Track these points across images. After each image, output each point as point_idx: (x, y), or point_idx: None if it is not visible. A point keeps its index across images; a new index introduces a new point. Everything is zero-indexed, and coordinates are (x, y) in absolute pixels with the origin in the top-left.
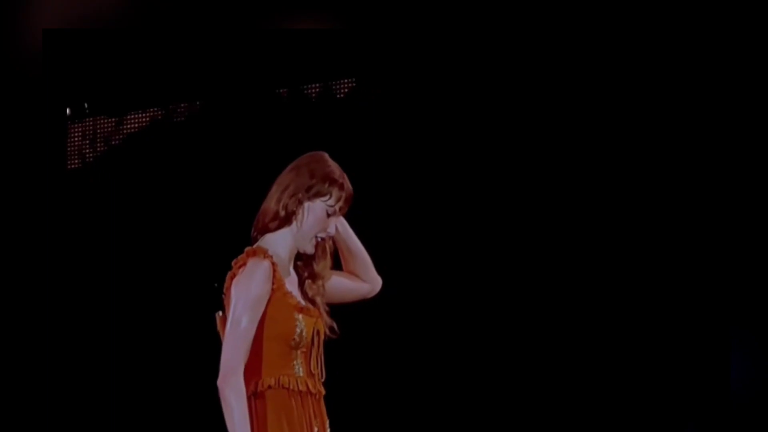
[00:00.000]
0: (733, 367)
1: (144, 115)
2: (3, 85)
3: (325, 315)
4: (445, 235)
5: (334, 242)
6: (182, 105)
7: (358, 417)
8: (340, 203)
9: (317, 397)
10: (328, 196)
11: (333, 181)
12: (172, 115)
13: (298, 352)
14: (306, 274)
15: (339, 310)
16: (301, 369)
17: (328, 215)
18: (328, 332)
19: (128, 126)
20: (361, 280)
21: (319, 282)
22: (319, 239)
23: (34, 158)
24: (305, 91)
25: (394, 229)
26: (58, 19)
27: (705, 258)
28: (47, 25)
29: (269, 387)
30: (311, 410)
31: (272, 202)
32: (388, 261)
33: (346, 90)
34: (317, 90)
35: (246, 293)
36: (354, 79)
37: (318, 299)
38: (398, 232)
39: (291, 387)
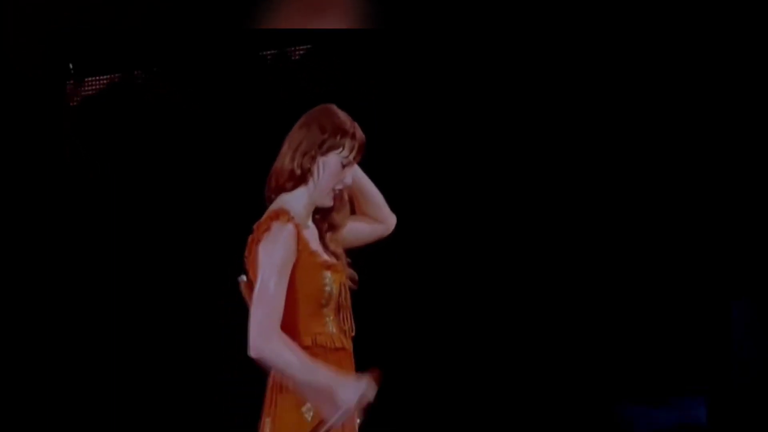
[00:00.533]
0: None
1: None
2: (3, 85)
3: (347, 267)
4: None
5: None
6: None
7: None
8: (354, 153)
9: (349, 352)
10: (341, 149)
11: (344, 132)
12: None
13: (329, 309)
14: (326, 227)
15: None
16: (333, 326)
17: (343, 166)
18: (351, 284)
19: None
20: (375, 220)
21: (340, 232)
22: (337, 191)
23: (34, 158)
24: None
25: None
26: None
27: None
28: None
29: (307, 348)
30: (347, 366)
31: (286, 161)
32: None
33: (301, 53)
34: (273, 53)
35: (273, 257)
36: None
37: (340, 251)
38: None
39: (328, 345)
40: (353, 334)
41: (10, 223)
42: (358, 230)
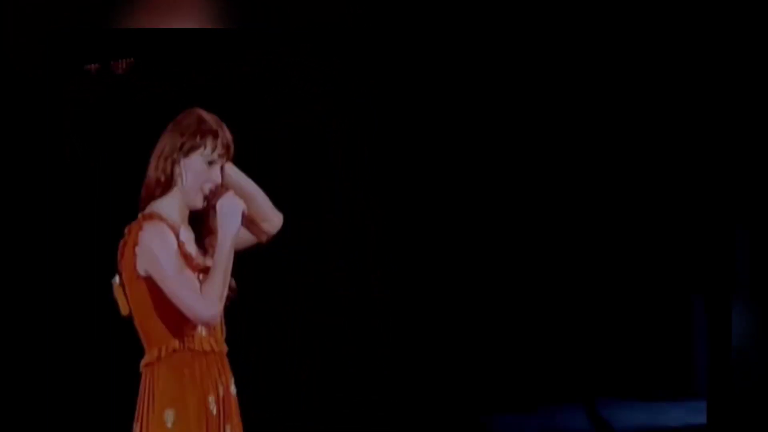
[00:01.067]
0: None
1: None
2: (3, 85)
3: None
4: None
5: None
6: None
7: (261, 373)
8: (218, 150)
9: (220, 354)
10: (202, 148)
11: (204, 133)
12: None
13: None
14: (204, 230)
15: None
16: (203, 329)
17: (209, 164)
18: (227, 291)
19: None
20: (259, 220)
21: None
22: (207, 191)
23: (34, 157)
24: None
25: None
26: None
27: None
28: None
29: (174, 350)
30: (216, 369)
31: (151, 170)
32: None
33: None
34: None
35: (165, 246)
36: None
37: None
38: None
39: (196, 348)
40: (224, 335)
41: (10, 222)
42: (242, 231)
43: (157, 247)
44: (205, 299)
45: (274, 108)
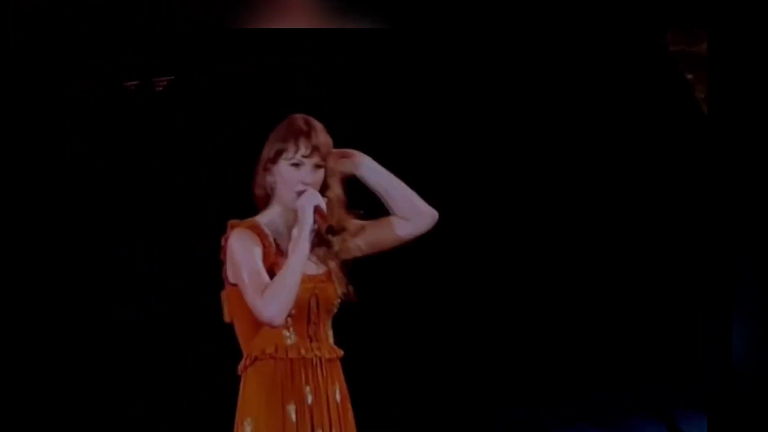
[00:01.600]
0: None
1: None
2: (3, 85)
3: (336, 280)
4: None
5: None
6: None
7: (382, 380)
8: (302, 151)
9: (315, 362)
10: (285, 152)
11: (286, 137)
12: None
13: (290, 319)
14: (315, 240)
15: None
16: (293, 336)
17: (296, 166)
18: (340, 298)
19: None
20: (400, 219)
21: (338, 240)
22: (301, 191)
23: (34, 158)
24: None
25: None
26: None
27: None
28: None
29: (256, 358)
30: (302, 375)
31: (255, 187)
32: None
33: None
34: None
35: (245, 251)
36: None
37: (331, 263)
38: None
39: (278, 355)
40: (330, 341)
41: (10, 222)
42: (377, 232)
43: (238, 252)
44: (263, 298)
45: (278, 110)
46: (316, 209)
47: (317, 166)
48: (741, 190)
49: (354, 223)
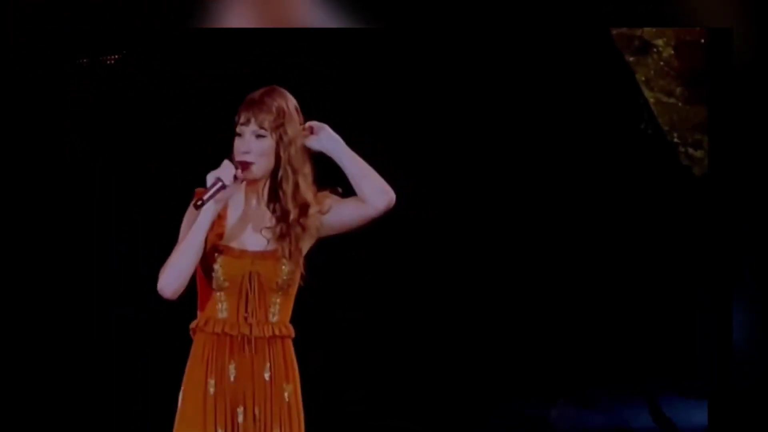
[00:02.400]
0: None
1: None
2: (3, 85)
3: (286, 259)
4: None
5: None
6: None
7: (334, 362)
8: (242, 119)
9: (243, 339)
10: (235, 123)
11: (240, 107)
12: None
13: (222, 294)
14: (280, 214)
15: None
16: (225, 311)
17: (238, 136)
18: (286, 276)
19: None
20: (360, 200)
21: (297, 217)
22: (238, 162)
23: (34, 157)
24: None
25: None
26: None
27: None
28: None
29: (192, 330)
30: (227, 352)
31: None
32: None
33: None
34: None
35: (184, 219)
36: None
37: (284, 242)
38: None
39: (206, 329)
40: (268, 321)
41: (10, 222)
42: (340, 213)
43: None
44: (162, 270)
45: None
46: (217, 181)
47: (258, 136)
48: (741, 190)
49: (326, 201)
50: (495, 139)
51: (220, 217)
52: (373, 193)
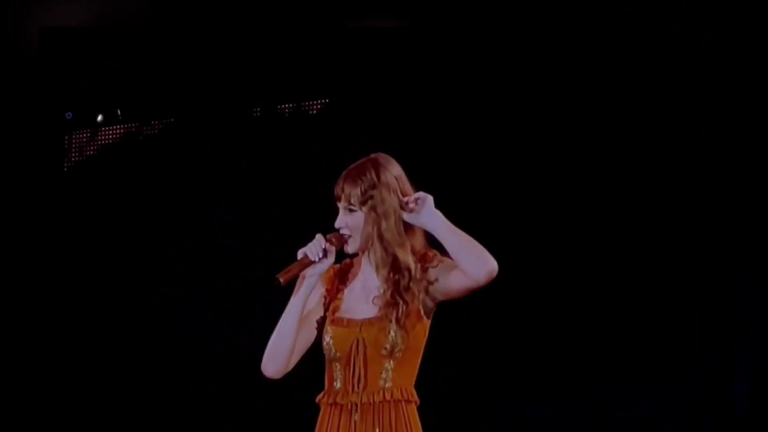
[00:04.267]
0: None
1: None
2: (3, 85)
3: (391, 325)
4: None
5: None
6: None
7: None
8: (336, 189)
9: (351, 407)
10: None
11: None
12: (145, 129)
13: (337, 364)
14: (392, 282)
15: None
16: (339, 381)
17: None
18: (387, 345)
19: (102, 138)
20: (462, 269)
21: (408, 286)
22: (332, 238)
23: (34, 159)
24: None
25: None
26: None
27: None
28: (46, 23)
29: (320, 399)
30: (338, 423)
31: None
32: None
33: (318, 107)
34: (290, 108)
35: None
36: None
37: (390, 309)
38: None
39: (324, 401)
40: (363, 388)
41: (10, 222)
42: (447, 282)
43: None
44: (266, 351)
45: (276, 110)
46: (303, 257)
47: (349, 210)
48: (741, 191)
49: (431, 272)
50: (495, 139)
51: (338, 291)
52: (473, 266)
